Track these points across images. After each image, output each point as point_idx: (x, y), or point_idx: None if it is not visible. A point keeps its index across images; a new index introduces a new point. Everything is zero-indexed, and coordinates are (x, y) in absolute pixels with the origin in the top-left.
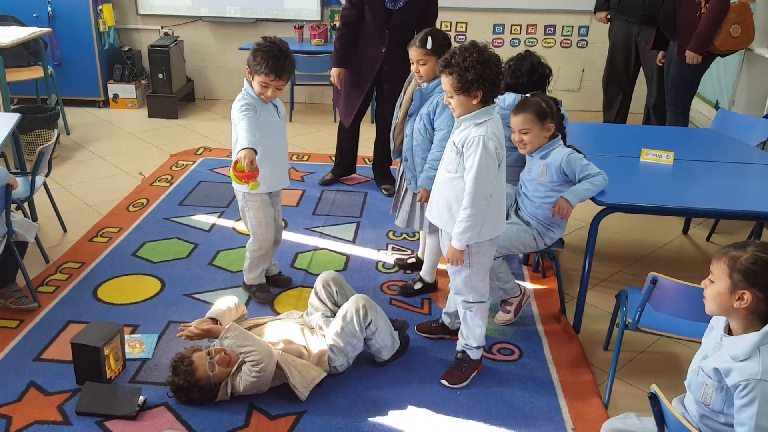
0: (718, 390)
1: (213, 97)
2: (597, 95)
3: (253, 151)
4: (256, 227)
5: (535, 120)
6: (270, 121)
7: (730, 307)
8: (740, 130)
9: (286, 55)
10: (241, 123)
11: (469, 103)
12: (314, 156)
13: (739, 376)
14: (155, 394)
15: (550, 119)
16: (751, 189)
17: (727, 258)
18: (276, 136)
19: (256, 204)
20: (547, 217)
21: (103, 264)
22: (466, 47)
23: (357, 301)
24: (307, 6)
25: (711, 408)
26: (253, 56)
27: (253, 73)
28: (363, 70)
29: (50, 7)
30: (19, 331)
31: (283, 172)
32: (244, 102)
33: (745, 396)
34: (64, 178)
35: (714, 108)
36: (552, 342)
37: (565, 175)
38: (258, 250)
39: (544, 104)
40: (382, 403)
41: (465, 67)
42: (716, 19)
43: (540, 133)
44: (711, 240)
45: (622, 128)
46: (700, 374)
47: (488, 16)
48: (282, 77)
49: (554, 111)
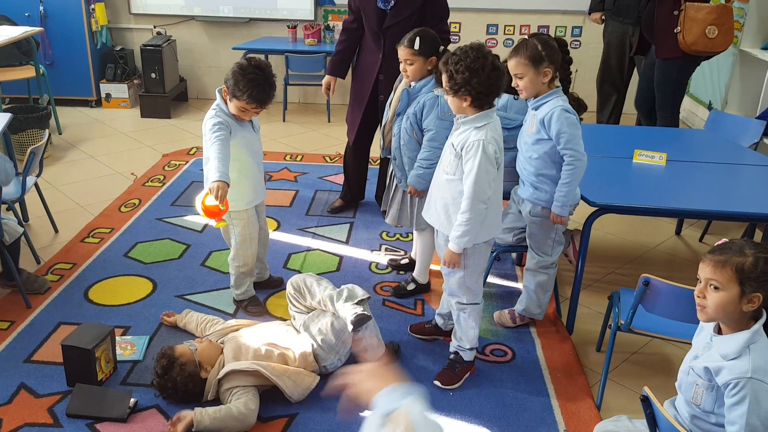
0: (708, 390)
1: (206, 97)
2: (590, 95)
3: (226, 185)
4: (241, 244)
5: (528, 64)
6: (246, 138)
7: (738, 312)
8: (733, 130)
9: (271, 83)
10: (213, 148)
11: (460, 104)
12: (307, 156)
13: (729, 375)
14: (146, 397)
15: (547, 63)
16: (744, 190)
17: (732, 265)
18: (253, 151)
19: (242, 222)
20: (537, 173)
21: (95, 265)
22: (466, 50)
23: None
24: (301, 6)
25: (702, 408)
26: (234, 80)
27: (232, 96)
28: (363, 81)
29: (42, 6)
30: (10, 333)
31: (261, 185)
32: (217, 121)
33: (735, 395)
34: (56, 179)
35: (707, 109)
36: (545, 343)
37: (546, 129)
38: (243, 266)
39: (540, 47)
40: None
41: (455, 69)
42: None
43: (536, 78)
44: (704, 241)
45: (615, 129)
46: (690, 374)
47: (482, 16)
48: (264, 106)
49: (554, 54)
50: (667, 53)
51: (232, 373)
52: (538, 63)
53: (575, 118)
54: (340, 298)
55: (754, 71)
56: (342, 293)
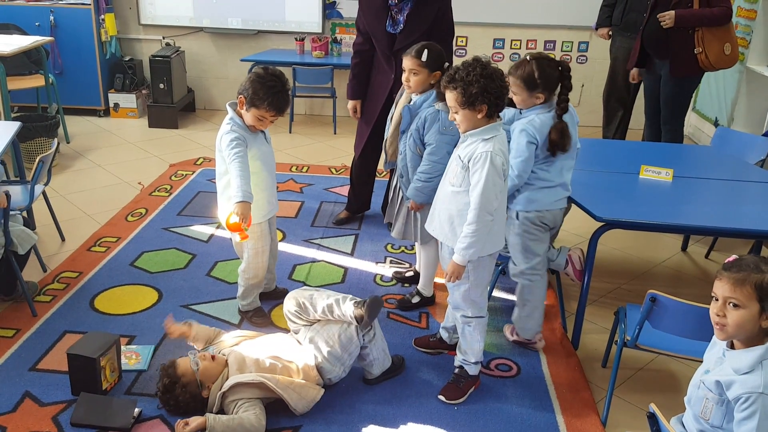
0: (718, 404)
1: (213, 108)
2: (596, 110)
3: (249, 205)
4: (253, 257)
5: (522, 86)
6: (261, 150)
7: (757, 329)
8: (739, 147)
9: (287, 90)
10: (233, 165)
11: (474, 117)
12: (313, 168)
13: (740, 389)
14: (150, 406)
15: (541, 89)
16: (750, 207)
17: (752, 283)
18: (269, 163)
19: (256, 234)
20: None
21: (101, 274)
22: (469, 62)
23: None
24: (309, 18)
25: (710, 423)
26: (253, 89)
27: (251, 105)
28: (374, 100)
29: (53, 16)
30: (15, 341)
31: (275, 197)
32: (234, 136)
33: (745, 409)
34: (64, 187)
35: (713, 125)
36: (550, 358)
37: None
38: (253, 278)
39: (537, 73)
40: (378, 418)
41: (469, 81)
42: (711, 20)
43: (528, 100)
44: (710, 257)
45: (622, 144)
46: (701, 388)
47: (488, 30)
48: (282, 113)
49: (549, 82)
50: (683, 71)
51: (236, 386)
52: (532, 88)
53: (531, 136)
54: (345, 300)
55: (760, 88)
56: (346, 297)
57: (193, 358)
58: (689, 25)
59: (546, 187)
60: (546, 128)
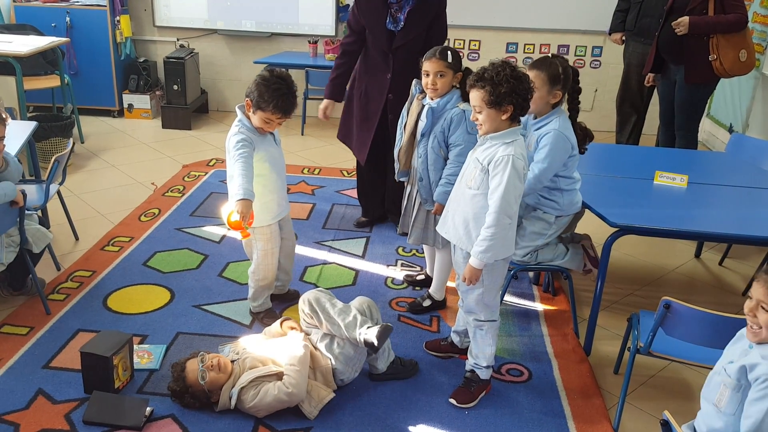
0: (735, 390)
1: (226, 109)
2: (609, 115)
3: (250, 202)
4: (263, 258)
5: (546, 80)
6: (270, 152)
7: None
8: (755, 154)
9: (294, 92)
10: (237, 164)
11: (498, 118)
12: (325, 170)
13: (763, 369)
14: (162, 406)
15: (560, 87)
16: (765, 214)
17: None
18: (278, 165)
19: (265, 236)
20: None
21: (114, 273)
22: (499, 63)
23: (361, 303)
24: (322, 21)
25: (723, 411)
26: (258, 92)
27: (257, 108)
28: (371, 101)
29: (69, 17)
30: (29, 339)
31: (285, 198)
32: (241, 138)
33: (762, 389)
34: (78, 187)
35: (728, 131)
36: (562, 364)
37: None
38: (263, 279)
39: (561, 69)
40: (389, 421)
41: (498, 80)
42: (726, 27)
43: (545, 96)
44: (723, 264)
45: (636, 150)
46: (721, 374)
47: (501, 34)
48: (289, 115)
49: (568, 81)
50: (699, 78)
51: (252, 381)
52: (554, 84)
53: (569, 140)
54: (355, 325)
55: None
56: (356, 319)
57: (200, 368)
58: (703, 32)
59: (577, 188)
60: (571, 132)
